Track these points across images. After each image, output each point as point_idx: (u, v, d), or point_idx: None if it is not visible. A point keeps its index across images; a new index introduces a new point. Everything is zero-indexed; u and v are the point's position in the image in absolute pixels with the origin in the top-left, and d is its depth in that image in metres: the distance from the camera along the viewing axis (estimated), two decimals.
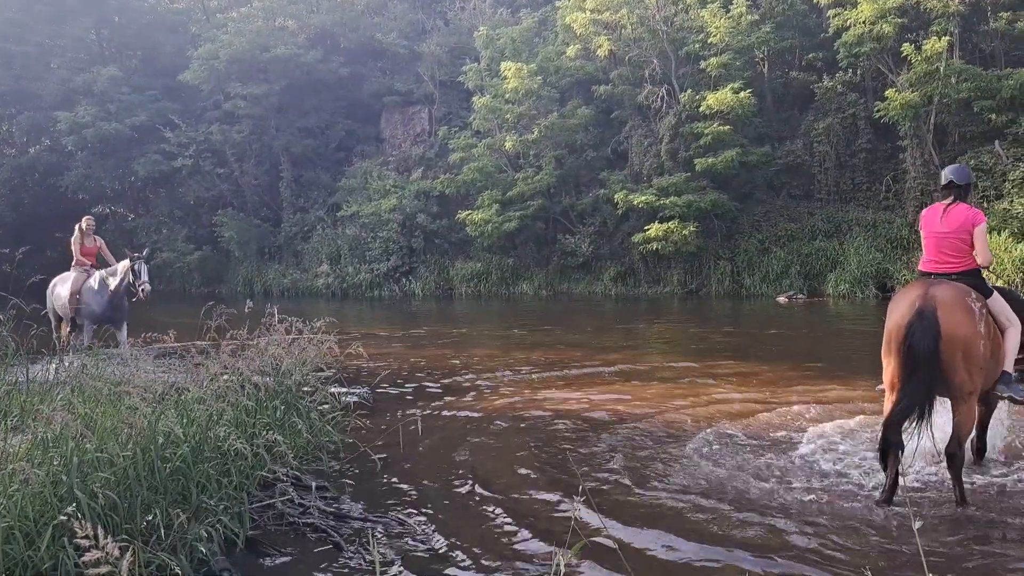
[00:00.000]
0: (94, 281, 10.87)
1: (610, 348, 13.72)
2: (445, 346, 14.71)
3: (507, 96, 29.39)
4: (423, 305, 28.00)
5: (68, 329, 10.96)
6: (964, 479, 5.04)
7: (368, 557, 4.53)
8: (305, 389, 7.01)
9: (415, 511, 5.40)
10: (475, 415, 8.47)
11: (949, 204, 5.46)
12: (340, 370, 8.99)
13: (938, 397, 5.01)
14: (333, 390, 7.55)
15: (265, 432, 5.39)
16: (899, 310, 5.01)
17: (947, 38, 22.00)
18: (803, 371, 10.58)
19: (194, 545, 4.27)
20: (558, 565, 2.96)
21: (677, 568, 4.43)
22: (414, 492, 5.85)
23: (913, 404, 4.86)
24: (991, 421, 5.94)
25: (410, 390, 9.96)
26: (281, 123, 36.61)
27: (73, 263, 11.30)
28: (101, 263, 11.42)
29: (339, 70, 36.76)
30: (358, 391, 9.13)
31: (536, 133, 28.87)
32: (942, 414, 5.23)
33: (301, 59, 35.43)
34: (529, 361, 12.20)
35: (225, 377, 5.74)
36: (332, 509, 5.36)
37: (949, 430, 5.12)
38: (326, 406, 7.01)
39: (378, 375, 10.81)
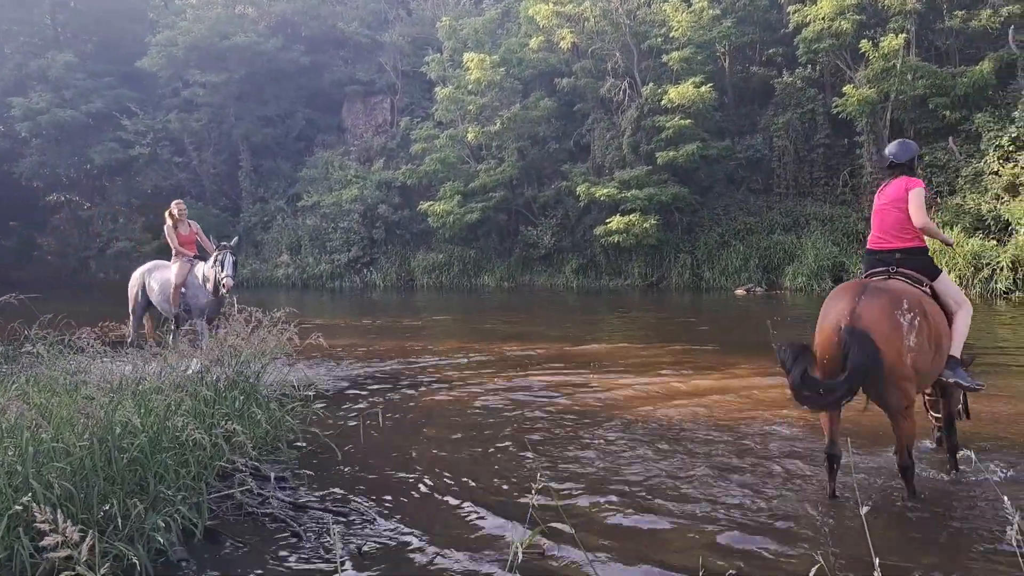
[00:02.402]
0: (199, 272, 9.90)
1: (572, 338, 13.78)
2: (406, 337, 14.66)
3: (470, 87, 29.29)
4: (384, 296, 27.86)
5: (134, 325, 10.06)
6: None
7: (327, 547, 4.52)
8: (264, 379, 6.94)
9: (375, 501, 5.38)
10: (436, 405, 8.46)
11: (888, 182, 5.47)
12: (300, 360, 8.92)
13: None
14: (293, 380, 7.48)
15: (224, 422, 5.33)
16: (825, 326, 4.87)
17: (904, 35, 22.44)
18: (756, 361, 10.72)
19: (152, 535, 4.22)
20: (516, 551, 2.97)
21: (633, 551, 4.49)
22: (374, 482, 5.82)
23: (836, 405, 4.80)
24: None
25: (371, 380, 9.90)
26: (241, 112, 36.08)
27: (174, 254, 10.19)
28: (201, 251, 10.38)
29: (300, 59, 36.31)
30: (318, 381, 9.05)
31: (499, 124, 28.83)
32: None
33: (261, 47, 34.93)
34: (491, 351, 12.21)
35: (184, 367, 5.67)
36: (291, 499, 5.32)
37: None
38: (286, 396, 6.95)
39: (339, 365, 10.79)
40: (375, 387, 9.45)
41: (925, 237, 5.37)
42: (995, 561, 4.14)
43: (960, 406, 5.66)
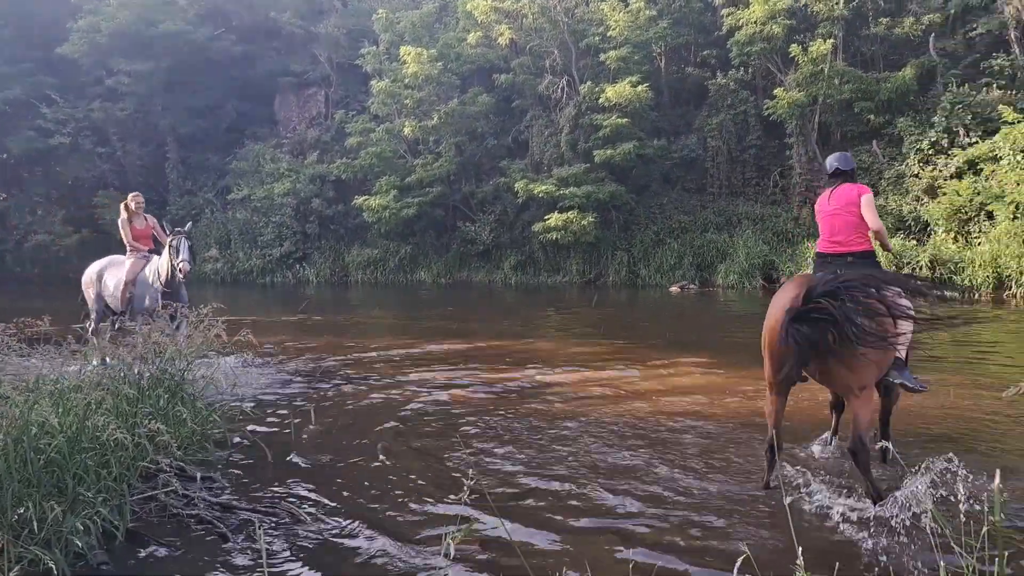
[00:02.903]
0: (151, 270, 9.34)
1: (511, 335, 13.75)
2: (339, 333, 14.40)
3: (406, 81, 29.02)
4: (317, 292, 27.38)
5: (96, 323, 9.39)
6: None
7: (256, 547, 4.36)
8: (190, 377, 6.69)
9: (305, 500, 5.24)
10: (370, 402, 8.30)
11: (835, 187, 5.62)
12: (229, 358, 8.65)
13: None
14: (221, 378, 7.23)
15: (147, 421, 5.10)
16: (773, 314, 4.94)
17: (832, 41, 23.09)
18: (694, 356, 10.87)
19: (70, 539, 4.04)
20: (449, 545, 2.89)
21: (565, 542, 4.47)
22: (305, 481, 5.67)
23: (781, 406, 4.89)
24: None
25: (303, 377, 9.67)
26: (168, 101, 35.00)
27: (128, 249, 9.67)
28: (158, 246, 9.81)
29: (231, 49, 35.42)
30: (248, 378, 8.80)
31: (436, 119, 28.64)
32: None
33: (191, 36, 33.93)
34: (428, 348, 12.09)
35: (105, 364, 5.41)
36: (218, 500, 5.13)
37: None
38: (213, 394, 6.72)
39: (270, 362, 10.52)
40: (307, 384, 9.23)
41: (872, 241, 5.51)
42: (914, 548, 4.22)
43: (881, 437, 5.78)
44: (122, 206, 9.80)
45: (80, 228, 34.11)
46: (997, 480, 2.57)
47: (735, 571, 2.68)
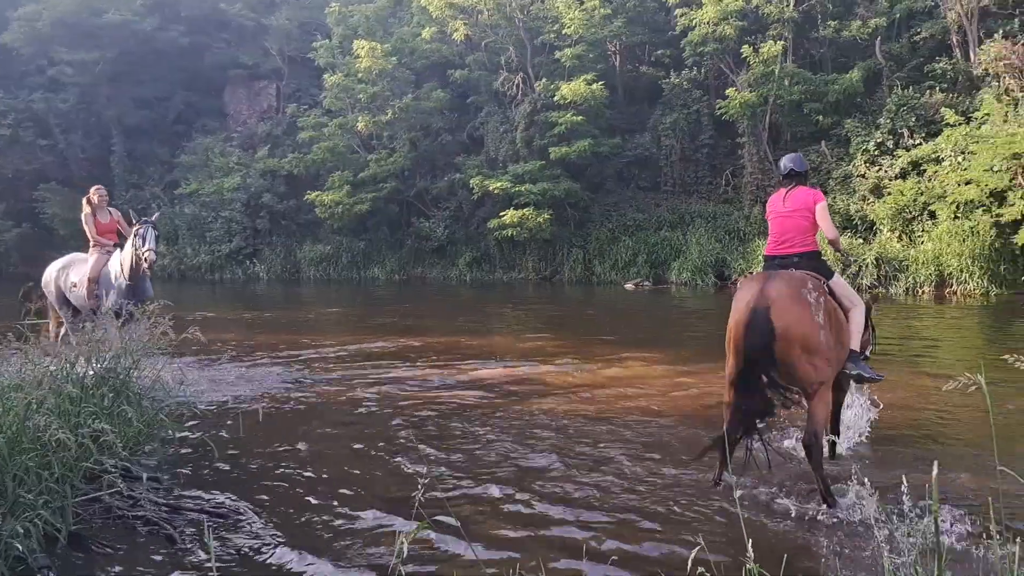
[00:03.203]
0: (112, 265, 8.84)
1: (466, 331, 13.69)
2: (292, 330, 14.17)
3: (360, 75, 28.73)
4: (268, 288, 26.95)
5: (63, 323, 8.87)
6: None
7: (205, 549, 4.25)
8: (136, 375, 6.48)
9: (256, 500, 5.12)
10: (322, 400, 8.17)
11: (790, 188, 5.68)
12: (177, 356, 8.44)
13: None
14: (169, 376, 7.03)
15: (91, 421, 4.92)
16: (737, 309, 4.98)
17: (782, 43, 23.48)
18: (649, 353, 10.95)
19: (10, 542, 3.88)
20: (402, 544, 2.83)
21: (518, 540, 4.45)
22: (255, 480, 5.54)
23: (750, 403, 4.89)
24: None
25: (253, 376, 9.47)
26: (113, 92, 34.10)
27: (91, 245, 9.09)
28: (123, 241, 9.31)
29: (179, 39, 34.64)
30: (196, 377, 8.59)
31: (390, 114, 28.40)
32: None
33: (136, 26, 33.13)
34: (381, 345, 11.96)
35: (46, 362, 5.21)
36: (165, 501, 4.98)
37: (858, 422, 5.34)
38: (160, 392, 6.52)
39: (219, 360, 10.29)
40: (257, 382, 9.04)
41: (819, 241, 5.59)
42: (858, 539, 4.29)
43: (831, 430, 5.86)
44: (84, 201, 9.25)
45: (21, 222, 33.09)
46: (935, 472, 2.61)
47: (688, 565, 2.67)
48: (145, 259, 8.41)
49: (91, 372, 5.86)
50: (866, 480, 4.73)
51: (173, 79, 35.60)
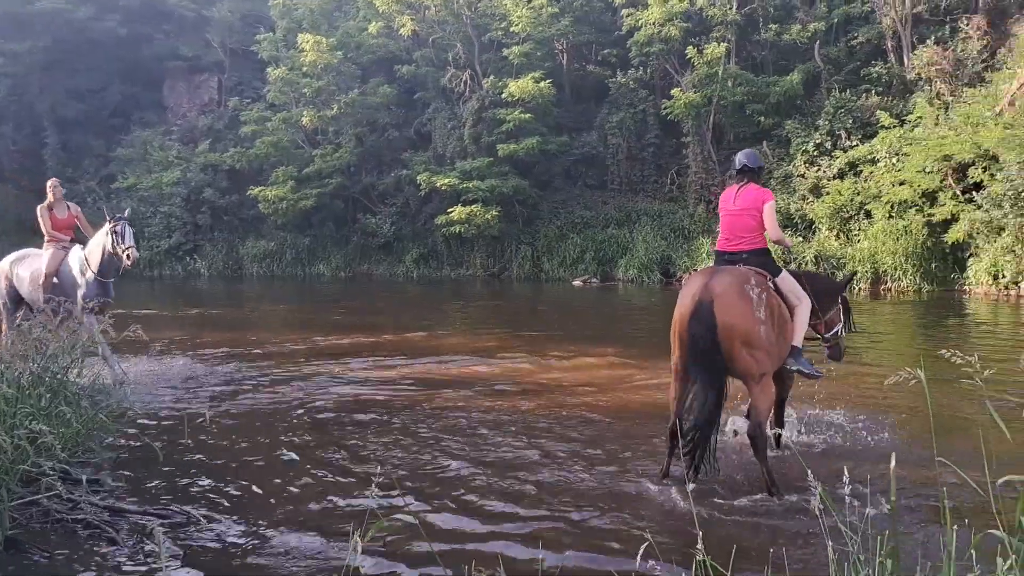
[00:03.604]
0: (73, 261, 8.54)
1: (410, 327, 13.61)
2: (236, 328, 13.89)
3: (305, 69, 28.31)
4: (210, 285, 26.37)
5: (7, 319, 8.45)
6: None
7: (147, 552, 4.13)
8: (76, 375, 6.28)
9: (201, 502, 5.00)
10: (268, 399, 8.03)
11: (742, 186, 5.76)
12: (118, 355, 8.22)
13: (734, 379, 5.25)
14: (108, 376, 6.84)
15: (28, 422, 4.74)
16: (682, 302, 5.12)
17: (725, 45, 23.91)
18: (598, 349, 11.03)
19: None
20: (356, 545, 2.80)
21: (472, 534, 4.45)
22: (200, 482, 5.42)
23: (699, 392, 4.99)
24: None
25: (197, 374, 9.26)
26: (46, 83, 32.92)
27: (46, 240, 8.77)
28: (80, 237, 8.99)
29: (116, 30, 33.62)
30: (138, 376, 8.38)
31: (336, 109, 28.05)
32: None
33: (71, 15, 32.05)
34: (327, 343, 11.81)
35: None
36: (107, 504, 4.83)
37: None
38: (101, 392, 6.33)
39: (161, 359, 10.04)
40: (201, 382, 8.84)
41: (767, 238, 5.70)
42: (807, 532, 4.39)
43: (775, 422, 5.96)
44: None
45: None
46: (892, 463, 2.68)
47: (638, 558, 2.70)
48: (128, 256, 8.21)
49: (28, 371, 5.65)
50: (809, 471, 4.86)
51: (110, 70, 34.53)
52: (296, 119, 28.76)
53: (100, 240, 8.43)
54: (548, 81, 25.51)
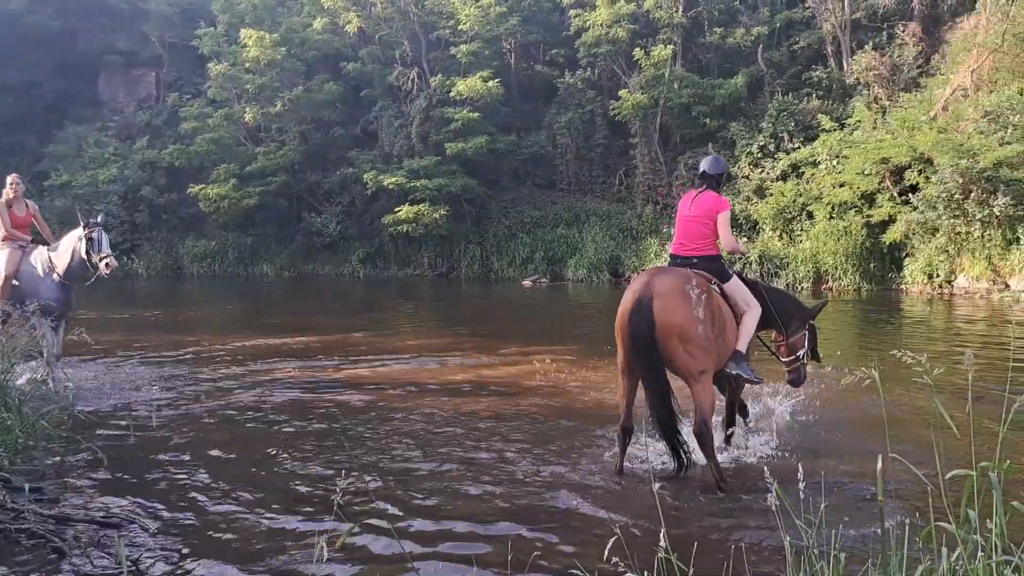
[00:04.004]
0: (36, 261, 8.12)
1: (356, 327, 13.46)
2: (179, 330, 13.53)
3: (247, 65, 27.77)
4: (149, 286, 25.66)
5: None
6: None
7: (95, 561, 3.98)
8: (15, 380, 6.03)
9: (149, 509, 4.84)
10: (214, 403, 7.83)
11: (700, 191, 5.83)
12: (60, 358, 7.92)
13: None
14: (50, 380, 6.59)
15: None
16: (625, 300, 5.23)
17: (672, 47, 24.25)
18: (548, 347, 11.06)
19: None
20: (321, 551, 2.74)
21: (438, 535, 4.41)
22: (148, 489, 5.25)
23: (647, 384, 5.09)
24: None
25: (141, 378, 8.99)
26: None
27: (2, 238, 8.29)
28: (36, 236, 8.52)
29: (50, 23, 32.49)
30: (80, 380, 8.10)
31: (279, 106, 27.58)
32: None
33: (2, 7, 30.89)
34: (272, 344, 11.58)
35: None
36: (52, 512, 4.63)
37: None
38: (43, 398, 6.09)
39: (103, 363, 9.74)
40: (146, 386, 8.58)
41: (720, 245, 5.79)
42: (765, 528, 4.46)
43: (727, 422, 6.10)
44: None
45: None
46: (879, 464, 2.74)
47: (606, 552, 2.70)
48: (107, 264, 7.90)
49: None
50: (766, 468, 4.93)
51: (42, 64, 33.29)
52: (238, 116, 28.20)
53: (70, 244, 8.07)
54: (496, 80, 25.51)
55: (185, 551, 4.27)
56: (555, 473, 5.46)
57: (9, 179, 8.50)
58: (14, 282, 8.05)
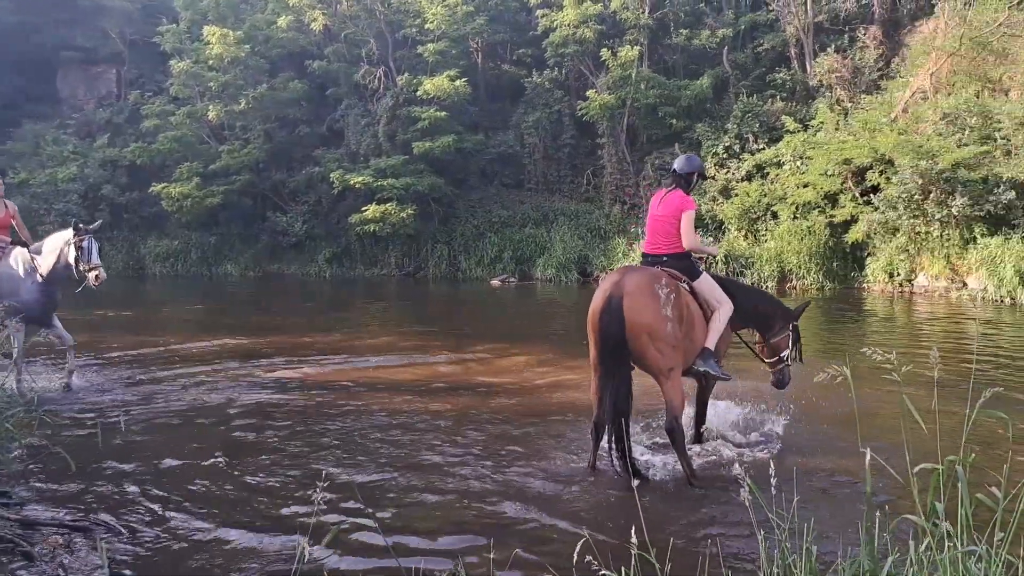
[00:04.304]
0: (15, 262, 7.96)
1: (322, 328, 13.39)
2: (143, 332, 13.32)
3: (211, 63, 27.37)
4: (110, 286, 25.00)
5: None
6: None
7: (66, 566, 3.92)
8: None
9: (119, 514, 4.77)
10: (179, 402, 7.75)
11: (669, 190, 5.90)
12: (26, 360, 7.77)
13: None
14: (12, 383, 6.45)
15: None
16: (595, 299, 5.33)
17: (638, 48, 24.39)
18: (520, 348, 11.09)
19: None
20: (303, 553, 2.72)
21: (419, 533, 4.40)
22: (119, 492, 5.17)
23: (611, 384, 5.16)
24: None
25: (107, 381, 8.85)
26: None
27: None
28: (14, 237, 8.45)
29: (5, 18, 31.69)
30: (45, 383, 7.95)
31: (244, 104, 27.24)
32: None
33: None
34: (239, 345, 11.48)
35: None
36: (18, 516, 4.55)
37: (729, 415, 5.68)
38: (6, 401, 5.95)
39: (66, 365, 9.54)
40: (112, 387, 8.46)
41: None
42: (740, 523, 4.53)
43: (696, 419, 6.17)
44: None
45: None
46: (868, 459, 2.80)
47: (575, 555, 2.73)
48: (96, 278, 7.78)
49: None
50: (737, 464, 5.00)
51: None
52: (201, 114, 27.80)
53: (56, 246, 7.90)
54: (463, 80, 25.46)
55: (156, 555, 4.22)
56: (522, 471, 5.49)
57: None
58: None
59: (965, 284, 17.27)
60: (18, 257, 8.04)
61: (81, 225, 8.00)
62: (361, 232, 25.53)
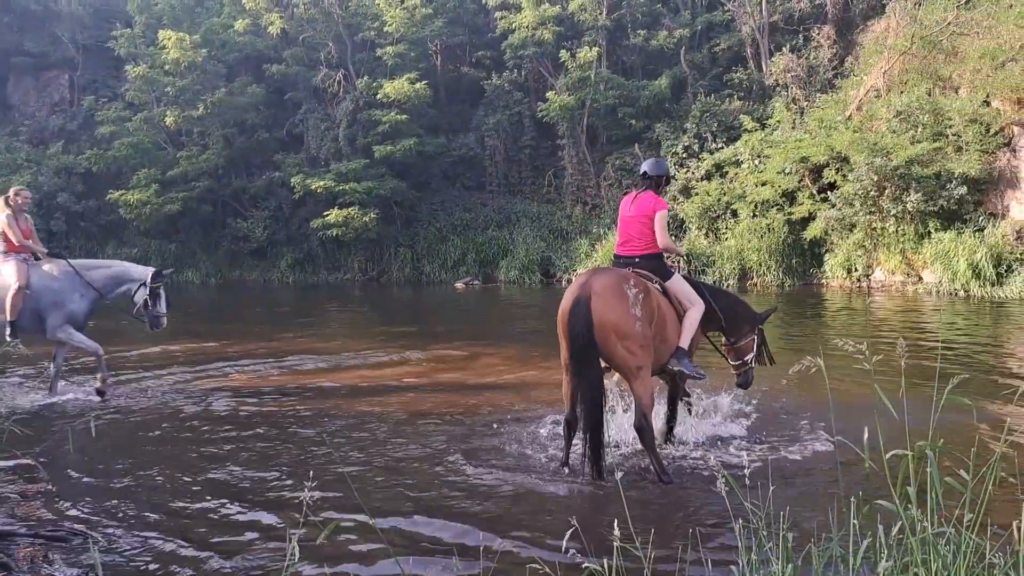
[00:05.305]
0: (59, 274, 8.13)
1: (287, 333, 13.28)
2: (108, 340, 13.03)
3: (167, 67, 26.97)
4: None
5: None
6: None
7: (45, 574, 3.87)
8: None
9: (94, 521, 4.71)
10: (150, 410, 7.64)
11: (640, 192, 5.98)
12: None
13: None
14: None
15: None
16: (564, 299, 5.36)
17: (597, 49, 24.60)
18: (493, 349, 11.14)
19: None
20: (294, 549, 2.74)
21: (404, 534, 4.41)
22: (92, 500, 5.09)
23: (582, 387, 5.20)
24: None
25: (76, 389, 8.70)
26: None
27: (3, 251, 8.03)
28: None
29: None
30: (13, 392, 7.79)
31: (201, 109, 26.88)
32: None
33: None
34: (204, 350, 11.35)
35: None
36: None
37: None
38: None
39: (37, 374, 9.39)
40: (82, 396, 8.32)
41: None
42: (719, 513, 4.62)
43: (668, 418, 6.27)
44: (2, 201, 8.08)
45: None
46: (865, 455, 2.88)
47: (564, 543, 2.79)
48: (162, 324, 8.58)
49: None
50: (712, 457, 5.11)
51: None
52: (158, 119, 27.37)
53: (122, 271, 8.57)
54: (423, 82, 25.43)
55: (135, 563, 4.18)
56: (497, 469, 5.51)
57: (14, 190, 8.28)
58: (26, 291, 7.98)
59: (920, 278, 17.72)
60: (60, 270, 8.27)
61: (161, 271, 8.61)
62: (323, 237, 25.37)
